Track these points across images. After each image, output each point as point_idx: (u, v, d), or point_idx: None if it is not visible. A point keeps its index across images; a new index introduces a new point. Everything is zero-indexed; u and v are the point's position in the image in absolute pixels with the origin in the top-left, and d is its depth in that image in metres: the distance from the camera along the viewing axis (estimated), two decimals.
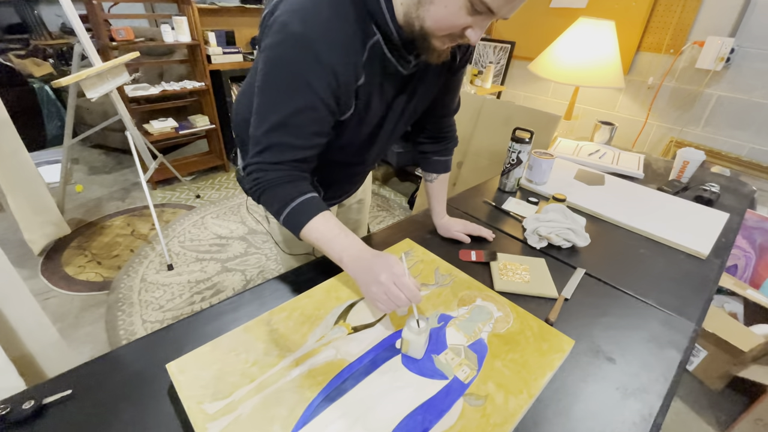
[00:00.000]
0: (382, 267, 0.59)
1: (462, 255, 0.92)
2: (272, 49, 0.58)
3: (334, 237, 0.64)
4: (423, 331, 0.60)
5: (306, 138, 0.64)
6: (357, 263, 0.63)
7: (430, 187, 1.00)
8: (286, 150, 0.64)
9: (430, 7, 0.55)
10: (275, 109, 0.61)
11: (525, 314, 0.72)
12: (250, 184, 0.67)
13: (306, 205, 0.65)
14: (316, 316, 0.68)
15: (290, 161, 0.65)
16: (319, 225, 0.65)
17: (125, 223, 2.21)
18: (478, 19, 0.55)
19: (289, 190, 0.65)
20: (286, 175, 0.65)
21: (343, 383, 0.57)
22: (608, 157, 1.53)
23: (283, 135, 0.63)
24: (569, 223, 0.97)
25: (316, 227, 0.65)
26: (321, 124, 0.64)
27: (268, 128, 0.63)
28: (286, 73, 0.59)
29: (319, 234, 0.65)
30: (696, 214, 1.16)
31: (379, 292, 0.59)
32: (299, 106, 0.61)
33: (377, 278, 0.59)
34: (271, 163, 0.64)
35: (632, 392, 0.62)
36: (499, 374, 0.60)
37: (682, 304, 0.81)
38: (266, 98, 0.62)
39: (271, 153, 0.64)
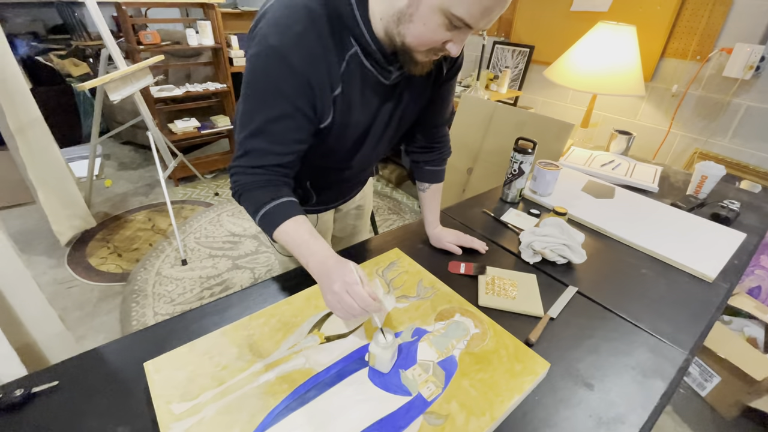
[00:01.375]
0: (337, 275, 0.59)
1: (451, 267, 0.92)
2: (252, 61, 0.62)
3: (303, 242, 0.65)
4: (389, 346, 0.60)
5: (283, 144, 0.67)
6: (319, 269, 0.63)
7: (423, 197, 0.99)
8: (264, 155, 0.67)
9: (409, 24, 0.57)
10: (254, 116, 0.65)
11: (502, 333, 0.70)
12: (231, 185, 0.70)
13: (279, 209, 0.67)
14: (292, 324, 0.70)
15: (268, 166, 0.67)
16: (289, 229, 0.66)
17: (146, 218, 2.32)
18: (456, 34, 0.56)
19: (265, 194, 0.68)
20: (264, 180, 0.68)
21: (306, 392, 0.58)
22: (622, 168, 1.47)
23: (261, 141, 0.66)
24: (565, 238, 0.94)
25: (286, 231, 0.66)
26: (298, 131, 0.66)
27: (248, 134, 0.66)
28: (263, 83, 0.62)
29: (289, 238, 0.66)
30: (709, 233, 1.09)
31: (333, 300, 0.60)
32: (275, 114, 0.63)
33: (331, 287, 0.59)
34: (249, 167, 0.67)
35: (606, 421, 0.59)
36: (465, 394, 0.59)
37: (676, 330, 0.77)
38: (247, 105, 0.65)
39: (250, 157, 0.67)
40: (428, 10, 0.53)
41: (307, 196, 0.91)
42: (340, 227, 1.10)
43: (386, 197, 2.71)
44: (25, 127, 1.64)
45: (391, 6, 0.57)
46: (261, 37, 0.59)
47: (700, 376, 1.37)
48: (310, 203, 0.92)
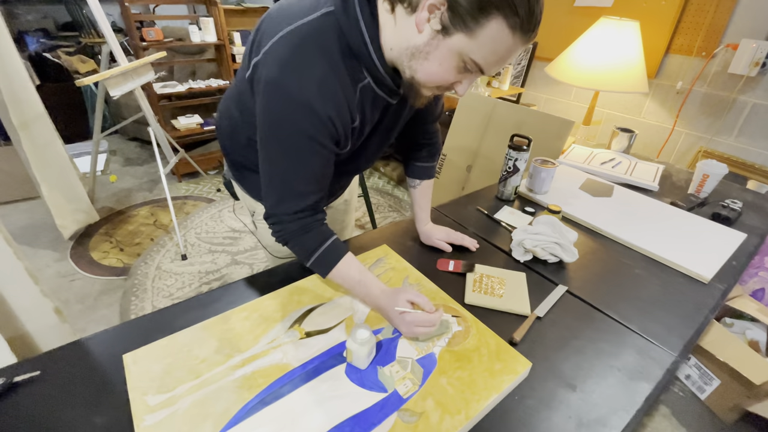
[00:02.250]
0: (398, 320, 0.66)
1: (440, 264, 0.91)
2: (272, 113, 0.60)
3: (356, 284, 0.71)
4: (366, 342, 0.60)
5: (316, 182, 0.68)
6: (377, 308, 0.71)
7: (414, 194, 0.98)
8: (301, 198, 0.67)
9: (423, 62, 0.57)
10: (285, 165, 0.64)
11: (485, 331, 0.69)
12: (273, 233, 0.71)
13: (329, 252, 0.71)
14: (273, 318, 0.69)
15: (309, 206, 0.68)
16: (341, 272, 0.71)
17: (149, 213, 2.35)
18: (467, 76, 0.58)
19: (313, 239, 0.70)
20: (308, 223, 0.69)
21: (281, 388, 0.58)
22: (622, 166, 1.44)
23: (296, 185, 0.66)
24: (557, 236, 0.93)
25: (339, 274, 0.71)
26: (326, 166, 0.68)
27: (280, 181, 0.66)
28: (290, 134, 0.61)
29: (342, 280, 0.72)
30: (708, 234, 1.07)
31: (410, 336, 0.67)
32: (306, 159, 0.64)
33: (400, 328, 0.67)
34: (291, 213, 0.68)
35: (587, 424, 0.58)
36: (442, 392, 0.58)
37: (666, 332, 0.76)
38: (274, 155, 0.64)
39: (288, 204, 0.67)
40: (447, 52, 0.54)
41: None
42: (331, 222, 1.10)
43: (387, 195, 2.71)
44: (29, 122, 1.67)
45: (406, 40, 0.56)
46: (275, 86, 0.57)
47: (699, 379, 1.34)
48: None
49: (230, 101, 0.76)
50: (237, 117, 0.74)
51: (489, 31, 0.50)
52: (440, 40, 0.53)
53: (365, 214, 2.41)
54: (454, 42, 0.53)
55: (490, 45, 0.52)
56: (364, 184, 2.13)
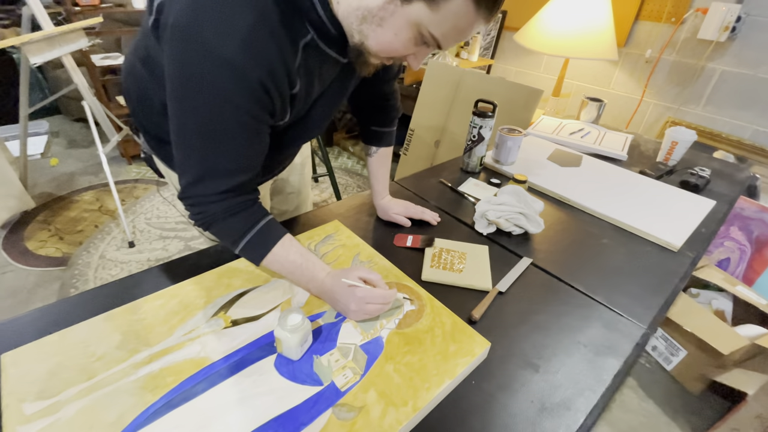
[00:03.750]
0: (344, 296, 0.58)
1: (397, 240, 0.82)
2: (184, 69, 0.47)
3: (297, 268, 0.61)
4: (297, 329, 0.50)
5: (244, 159, 0.56)
6: (323, 295, 0.62)
7: (370, 163, 0.89)
8: (225, 178, 0.55)
9: (377, 28, 0.49)
10: (202, 135, 0.52)
11: (441, 309, 0.62)
12: (191, 216, 0.59)
13: (261, 236, 0.60)
14: (194, 306, 0.59)
15: (233, 188, 0.56)
16: (278, 256, 0.60)
17: (94, 198, 2.15)
18: (423, 49, 0.53)
19: (241, 221, 0.59)
20: (236, 204, 0.58)
21: (194, 386, 0.48)
22: (591, 136, 1.39)
23: (218, 161, 0.54)
24: (522, 207, 0.86)
25: (276, 260, 0.61)
26: (258, 141, 0.56)
27: (199, 156, 0.54)
28: (210, 95, 0.48)
29: (279, 266, 0.61)
30: (677, 201, 1.03)
31: (362, 316, 0.59)
32: (231, 132, 0.52)
33: (348, 308, 0.58)
34: (214, 193, 0.56)
35: (551, 408, 0.52)
36: (386, 381, 0.50)
37: (634, 303, 0.70)
38: (188, 121, 0.52)
39: (209, 184, 0.55)
40: (404, 22, 0.48)
41: None
42: (280, 198, 0.99)
43: (356, 175, 2.60)
44: None
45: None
46: (187, 33, 0.45)
47: (666, 350, 1.34)
48: None
49: (134, 57, 0.62)
50: (145, 77, 0.60)
51: (453, 5, 0.45)
52: (398, 6, 0.46)
53: (332, 195, 2.30)
54: (414, 11, 0.46)
55: (452, 20, 0.47)
56: (328, 163, 2.02)
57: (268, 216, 0.61)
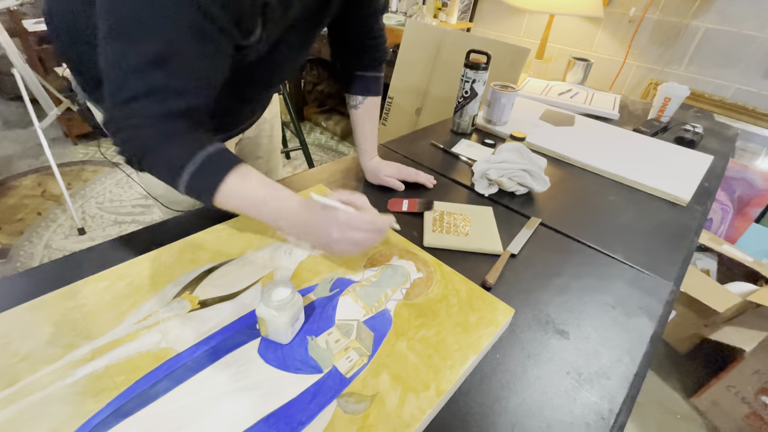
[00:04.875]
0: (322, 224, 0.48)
1: (391, 205, 0.73)
2: None
3: (260, 202, 0.47)
4: (285, 305, 0.40)
5: (195, 79, 0.43)
6: (298, 229, 0.50)
7: (355, 117, 0.77)
8: (170, 97, 0.42)
9: None
10: (144, 38, 0.39)
11: (452, 275, 0.53)
12: (121, 145, 0.44)
13: (212, 163, 0.45)
14: (150, 286, 0.47)
15: (176, 112, 0.43)
16: (236, 189, 0.46)
17: (36, 183, 1.91)
18: None
19: (183, 148, 0.44)
20: (175, 130, 0.43)
21: (153, 386, 0.37)
22: (581, 97, 1.33)
23: (163, 76, 0.41)
24: (525, 163, 0.78)
25: (233, 193, 0.46)
26: (216, 58, 0.44)
27: (138, 67, 0.40)
28: None
29: (239, 202, 0.47)
30: (676, 157, 0.99)
31: (347, 248, 0.48)
32: (181, 37, 0.39)
33: (330, 239, 0.47)
34: (148, 116, 0.42)
35: (588, 378, 0.45)
36: (400, 361, 0.41)
37: (656, 259, 0.64)
38: (126, 21, 0.38)
39: (147, 103, 0.41)
40: None
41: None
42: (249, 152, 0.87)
43: (331, 150, 2.46)
44: None
45: None
46: None
47: None
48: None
49: None
50: None
51: None
52: None
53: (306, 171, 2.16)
54: None
55: None
56: (301, 135, 1.87)
57: (220, 144, 0.47)
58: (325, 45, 2.40)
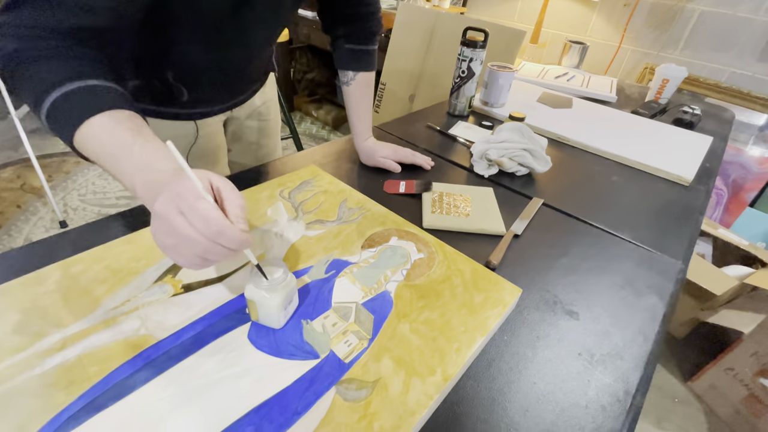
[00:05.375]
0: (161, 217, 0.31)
1: (387, 186, 0.69)
2: None
3: (123, 149, 0.35)
4: (278, 287, 0.37)
5: None
6: (147, 188, 0.34)
7: (348, 94, 0.73)
8: (59, 8, 0.36)
9: None
10: None
11: (455, 255, 0.50)
12: None
13: (81, 96, 0.36)
14: (129, 270, 0.43)
15: (69, 30, 0.37)
16: (101, 130, 0.35)
17: (15, 176, 1.83)
18: None
19: (55, 71, 0.36)
20: (52, 48, 0.37)
21: (131, 377, 0.33)
22: (577, 80, 1.31)
23: None
24: (526, 143, 0.75)
25: (94, 133, 0.35)
26: None
27: None
28: None
29: (98, 145, 0.36)
30: (676, 138, 0.97)
31: (158, 231, 0.32)
32: None
33: (153, 210, 0.32)
34: (28, 26, 0.36)
35: (601, 359, 0.42)
36: (403, 344, 0.38)
37: (662, 238, 0.62)
38: None
39: (30, 12, 0.36)
40: None
41: (171, 93, 0.61)
42: (239, 148, 0.82)
43: (322, 140, 2.41)
44: None
45: None
46: None
47: None
48: (179, 102, 0.62)
49: None
50: None
51: None
52: None
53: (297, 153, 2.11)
54: None
55: None
56: (291, 124, 1.82)
57: (108, 82, 0.38)
58: (314, 31, 2.35)
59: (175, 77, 0.59)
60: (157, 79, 0.59)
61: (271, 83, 0.81)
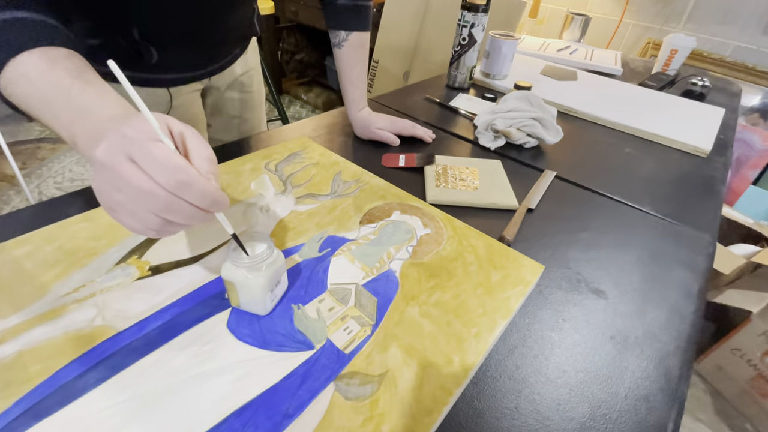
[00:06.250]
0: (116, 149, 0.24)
1: (386, 160, 0.63)
2: None
3: (56, 96, 0.29)
4: (262, 264, 0.30)
5: None
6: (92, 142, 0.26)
7: (340, 57, 0.66)
8: None
9: None
10: None
11: (466, 230, 0.44)
12: None
13: (10, 31, 0.29)
14: (87, 251, 0.37)
15: None
16: (29, 70, 0.29)
17: None
18: None
19: None
20: None
21: (80, 377, 0.27)
22: (580, 53, 1.25)
23: None
24: (536, 111, 0.69)
25: (23, 75, 0.29)
26: None
27: None
28: None
29: (30, 89, 0.29)
30: (687, 110, 0.92)
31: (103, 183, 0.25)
32: None
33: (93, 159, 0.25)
34: None
35: (636, 342, 0.37)
36: (413, 330, 0.32)
37: (686, 210, 0.57)
38: None
39: None
40: None
41: (139, 53, 0.53)
42: (220, 122, 0.74)
43: None
44: None
45: None
46: None
47: None
48: (149, 65, 0.55)
49: None
50: None
51: None
52: None
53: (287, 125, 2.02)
54: None
55: None
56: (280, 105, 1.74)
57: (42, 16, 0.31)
58: (303, 8, 2.23)
59: (142, 35, 0.52)
60: (121, 36, 0.51)
61: (253, 50, 0.74)
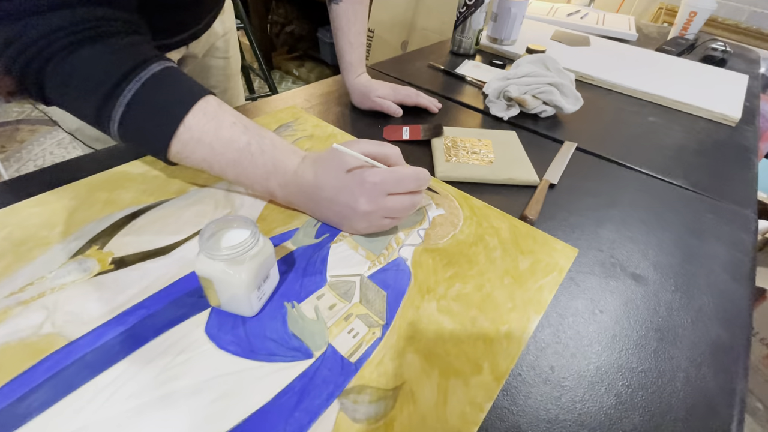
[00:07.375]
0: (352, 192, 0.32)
1: (387, 133, 0.56)
2: None
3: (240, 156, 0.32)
4: (245, 254, 0.24)
5: None
6: (302, 200, 0.35)
7: (336, 16, 0.58)
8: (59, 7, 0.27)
9: None
10: None
11: (486, 210, 0.38)
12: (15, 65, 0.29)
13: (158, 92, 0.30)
14: (37, 241, 0.31)
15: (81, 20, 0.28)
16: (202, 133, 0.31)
17: None
18: None
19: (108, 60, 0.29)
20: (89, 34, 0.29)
21: (21, 401, 0.21)
22: (591, 18, 1.16)
23: None
24: (553, 76, 0.62)
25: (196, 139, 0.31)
26: None
27: None
28: None
29: (207, 153, 0.32)
30: (709, 76, 0.85)
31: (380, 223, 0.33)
32: None
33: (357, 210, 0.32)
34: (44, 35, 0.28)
35: (684, 336, 0.32)
36: (432, 331, 0.27)
37: (722, 184, 0.52)
38: None
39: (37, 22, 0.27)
40: None
41: None
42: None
43: None
44: None
45: None
46: None
47: None
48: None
49: None
50: None
51: None
52: None
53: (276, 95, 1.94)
54: None
55: None
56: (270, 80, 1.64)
57: (166, 59, 0.31)
58: None
59: None
60: None
61: (229, 10, 0.66)
